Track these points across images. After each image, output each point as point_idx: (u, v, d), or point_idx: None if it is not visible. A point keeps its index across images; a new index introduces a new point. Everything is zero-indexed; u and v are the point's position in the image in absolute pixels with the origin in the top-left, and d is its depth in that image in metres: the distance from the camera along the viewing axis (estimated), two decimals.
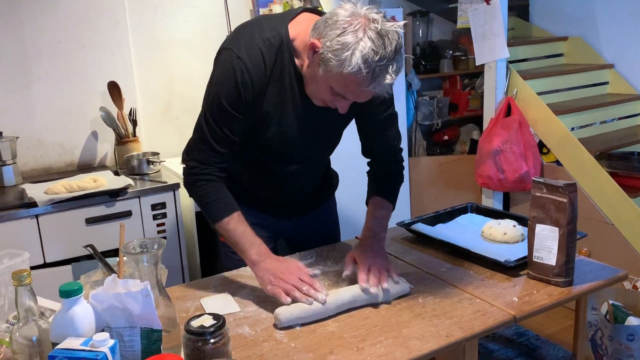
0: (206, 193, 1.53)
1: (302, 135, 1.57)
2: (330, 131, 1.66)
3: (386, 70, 1.31)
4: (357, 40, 1.28)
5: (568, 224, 1.47)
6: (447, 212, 2.00)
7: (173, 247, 2.62)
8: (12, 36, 2.71)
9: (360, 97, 1.39)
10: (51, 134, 2.87)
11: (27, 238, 2.31)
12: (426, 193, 3.59)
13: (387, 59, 1.29)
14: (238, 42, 1.46)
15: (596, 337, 2.16)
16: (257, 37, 1.45)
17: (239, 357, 1.24)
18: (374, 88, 1.33)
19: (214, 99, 1.47)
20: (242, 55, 1.43)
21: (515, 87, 3.13)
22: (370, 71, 1.29)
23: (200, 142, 1.51)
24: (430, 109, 3.69)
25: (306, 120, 1.54)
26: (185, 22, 3.11)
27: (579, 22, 3.58)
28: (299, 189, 1.77)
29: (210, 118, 1.48)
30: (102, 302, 1.10)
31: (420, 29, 3.70)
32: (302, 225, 1.86)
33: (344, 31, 1.29)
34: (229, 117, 1.47)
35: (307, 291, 1.39)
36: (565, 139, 2.96)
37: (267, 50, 1.44)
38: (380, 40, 1.28)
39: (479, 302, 1.43)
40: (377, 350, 1.24)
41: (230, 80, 1.44)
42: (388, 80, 1.32)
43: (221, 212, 1.52)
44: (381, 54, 1.28)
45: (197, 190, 1.54)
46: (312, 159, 1.71)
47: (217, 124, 1.48)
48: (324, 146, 1.71)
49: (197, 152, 1.53)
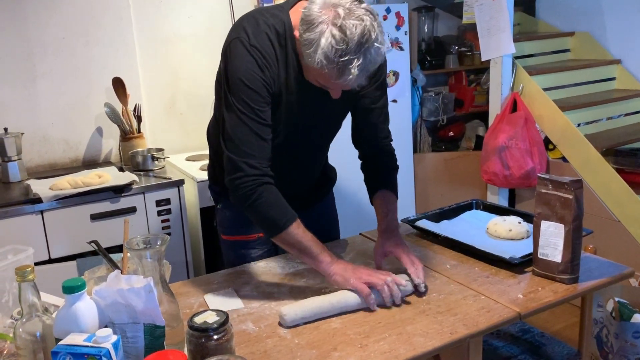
0: (271, 200, 1.44)
1: (303, 120, 1.58)
2: (330, 117, 1.66)
3: (350, 66, 1.29)
4: (319, 36, 1.29)
5: (574, 220, 1.46)
6: (452, 209, 1.99)
7: (177, 243, 2.62)
8: (17, 32, 2.71)
9: (337, 88, 1.41)
10: (56, 130, 2.87)
11: (32, 234, 2.32)
12: (431, 189, 3.58)
13: (349, 54, 1.28)
14: (245, 30, 1.45)
15: (602, 335, 2.15)
16: (261, 23, 1.45)
17: (242, 353, 1.23)
18: (345, 82, 1.34)
19: (239, 89, 1.41)
20: (253, 42, 1.43)
21: (521, 83, 3.11)
22: (334, 67, 1.30)
23: (246, 138, 1.42)
24: (436, 104, 3.68)
25: (308, 106, 1.54)
26: (190, 18, 3.11)
27: (586, 17, 3.55)
28: (298, 182, 1.76)
29: (244, 109, 1.41)
30: (105, 298, 1.10)
31: (425, 24, 3.68)
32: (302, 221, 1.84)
33: (309, 27, 1.31)
34: (260, 101, 1.42)
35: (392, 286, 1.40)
36: (571, 135, 2.95)
37: (273, 36, 1.45)
38: (341, 36, 1.27)
39: (484, 299, 1.43)
40: (381, 347, 1.24)
41: (252, 66, 1.41)
42: (352, 76, 1.31)
43: (289, 218, 1.45)
44: (342, 49, 1.27)
45: (260, 197, 1.42)
46: (312, 146, 1.71)
47: (254, 112, 1.41)
48: (323, 132, 1.71)
49: (248, 150, 1.41)
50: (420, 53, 3.60)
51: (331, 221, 1.97)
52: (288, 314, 1.33)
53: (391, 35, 3.21)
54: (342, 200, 2.32)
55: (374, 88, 1.62)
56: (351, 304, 1.39)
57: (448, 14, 3.77)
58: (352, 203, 2.77)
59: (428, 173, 3.57)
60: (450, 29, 3.88)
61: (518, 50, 3.11)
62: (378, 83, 1.62)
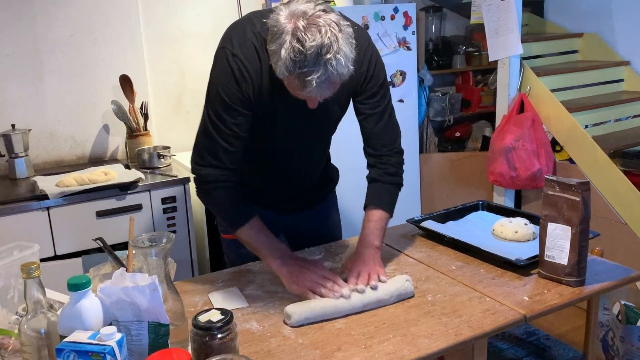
0: (222, 201, 1.54)
1: (296, 127, 1.57)
2: (322, 123, 1.64)
3: (308, 77, 1.26)
4: (279, 47, 1.27)
5: (581, 223, 1.45)
6: (457, 210, 1.98)
7: (183, 241, 2.62)
8: (25, 30, 2.72)
9: (307, 99, 1.38)
10: (63, 127, 2.88)
11: (38, 230, 2.32)
12: (437, 190, 3.57)
13: (308, 66, 1.25)
14: (231, 40, 1.46)
15: (607, 338, 2.14)
16: (248, 32, 1.46)
17: (246, 352, 1.23)
18: (309, 93, 1.31)
19: (216, 99, 1.47)
20: (236, 52, 1.44)
21: (528, 84, 3.10)
22: (295, 78, 1.29)
23: (211, 145, 1.49)
24: (442, 105, 3.67)
25: (299, 112, 1.52)
26: (197, 17, 3.11)
27: (595, 18, 3.53)
28: (298, 183, 1.77)
29: (215, 118, 1.47)
30: (110, 296, 1.10)
31: (433, 24, 3.67)
32: (303, 221, 1.85)
33: (273, 37, 1.30)
34: (234, 114, 1.46)
35: (332, 287, 1.41)
36: (578, 136, 2.93)
37: (259, 44, 1.44)
38: (299, 47, 1.25)
39: (489, 301, 1.42)
40: (385, 348, 1.23)
41: (229, 78, 1.44)
42: (312, 88, 1.28)
43: (241, 219, 1.52)
44: (300, 61, 1.25)
45: (214, 198, 1.54)
46: (308, 152, 1.70)
47: (224, 123, 1.47)
48: (317, 138, 1.70)
49: (209, 156, 1.50)
50: (427, 53, 3.59)
51: (333, 221, 1.96)
52: (293, 314, 1.33)
53: (398, 35, 3.20)
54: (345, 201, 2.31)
55: (368, 96, 1.58)
56: (356, 306, 1.39)
57: (456, 14, 3.76)
58: (354, 204, 2.75)
59: (434, 173, 3.56)
60: (458, 29, 3.87)
61: (526, 51, 3.10)
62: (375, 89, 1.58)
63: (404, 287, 1.44)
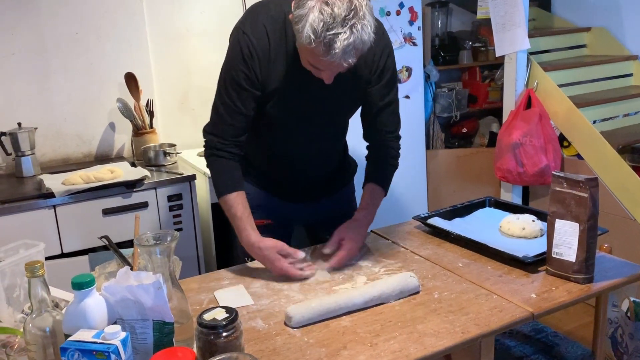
0: (216, 168, 1.63)
1: (306, 111, 1.63)
2: (335, 107, 1.68)
3: (337, 39, 1.32)
4: (308, 12, 1.33)
5: (589, 219, 1.43)
6: (464, 206, 1.97)
7: (189, 239, 2.63)
8: (31, 28, 2.72)
9: (327, 67, 1.42)
10: (69, 125, 2.88)
11: (45, 228, 2.33)
12: (444, 186, 3.55)
13: (335, 27, 1.31)
14: (245, 21, 1.57)
15: (616, 335, 2.12)
16: (262, 15, 1.55)
17: (251, 350, 1.23)
18: (332, 58, 1.35)
19: (225, 74, 1.58)
20: (246, 31, 1.53)
21: (535, 79, 3.08)
22: (321, 41, 1.33)
23: (216, 117, 1.62)
24: (449, 100, 3.65)
25: (310, 96, 1.59)
26: (202, 14, 3.10)
27: (603, 12, 3.50)
28: (313, 172, 1.82)
29: (223, 92, 1.58)
30: (114, 294, 1.10)
31: (439, 19, 3.65)
32: (320, 212, 1.88)
33: (300, 3, 1.35)
34: (239, 89, 1.55)
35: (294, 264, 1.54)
36: (586, 132, 2.90)
37: (270, 27, 1.52)
38: (329, 10, 1.31)
39: (496, 298, 1.41)
40: (391, 346, 1.23)
41: (237, 55, 1.54)
42: (338, 50, 1.33)
43: (227, 187, 1.61)
44: (329, 23, 1.31)
45: (211, 163, 1.64)
46: (320, 137, 1.74)
47: (230, 98, 1.57)
48: (330, 122, 1.74)
49: (213, 126, 1.63)
50: (433, 48, 3.57)
51: (349, 211, 1.96)
52: (295, 316, 1.32)
53: (404, 31, 3.18)
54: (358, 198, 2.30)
55: (382, 85, 1.65)
56: (357, 304, 1.38)
57: (462, 9, 3.73)
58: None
59: (441, 170, 3.55)
60: (465, 24, 3.84)
61: (533, 46, 3.07)
62: (387, 79, 1.65)
63: (406, 283, 1.43)
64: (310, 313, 1.33)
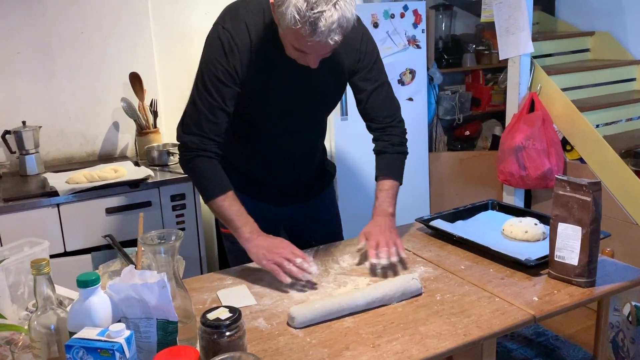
0: (202, 170, 1.58)
1: (287, 108, 1.62)
2: (315, 103, 1.67)
3: (321, 17, 1.31)
4: None
5: (591, 223, 1.43)
6: (467, 209, 1.97)
7: (192, 238, 2.63)
8: (36, 27, 2.74)
9: (313, 50, 1.41)
10: (73, 124, 2.89)
11: (48, 227, 2.34)
12: (446, 189, 3.55)
13: (319, 5, 1.31)
14: (224, 17, 1.56)
15: (618, 339, 2.12)
16: (241, 10, 1.54)
17: (254, 350, 1.23)
18: (319, 38, 1.35)
19: (204, 69, 1.54)
20: (227, 27, 1.51)
21: (539, 83, 3.08)
22: (306, 21, 1.32)
23: (195, 114, 1.56)
24: (452, 103, 3.65)
25: (292, 91, 1.58)
26: (207, 14, 3.11)
27: (606, 16, 3.50)
28: (294, 170, 1.80)
29: (202, 88, 1.54)
30: (119, 293, 1.11)
31: (443, 22, 3.65)
32: (302, 215, 1.87)
33: None
34: (219, 84, 1.52)
35: (301, 264, 1.47)
36: (589, 136, 2.91)
37: (251, 22, 1.51)
38: None
39: (498, 301, 1.41)
40: (394, 348, 1.23)
41: (217, 49, 1.51)
42: (324, 28, 1.32)
43: (217, 189, 1.57)
44: (312, 2, 1.31)
45: (194, 167, 1.58)
46: (301, 134, 1.73)
47: (209, 93, 1.53)
48: (312, 119, 1.74)
49: (192, 125, 1.57)
50: (437, 51, 3.58)
51: (332, 215, 1.98)
52: (297, 316, 1.32)
53: (408, 33, 3.18)
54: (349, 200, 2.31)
55: (368, 70, 1.65)
56: (360, 305, 1.38)
57: (466, 12, 3.73)
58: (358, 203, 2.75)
59: (443, 172, 3.55)
60: (468, 27, 3.85)
61: (536, 49, 3.07)
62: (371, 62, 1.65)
63: (409, 285, 1.44)
64: (313, 314, 1.33)
